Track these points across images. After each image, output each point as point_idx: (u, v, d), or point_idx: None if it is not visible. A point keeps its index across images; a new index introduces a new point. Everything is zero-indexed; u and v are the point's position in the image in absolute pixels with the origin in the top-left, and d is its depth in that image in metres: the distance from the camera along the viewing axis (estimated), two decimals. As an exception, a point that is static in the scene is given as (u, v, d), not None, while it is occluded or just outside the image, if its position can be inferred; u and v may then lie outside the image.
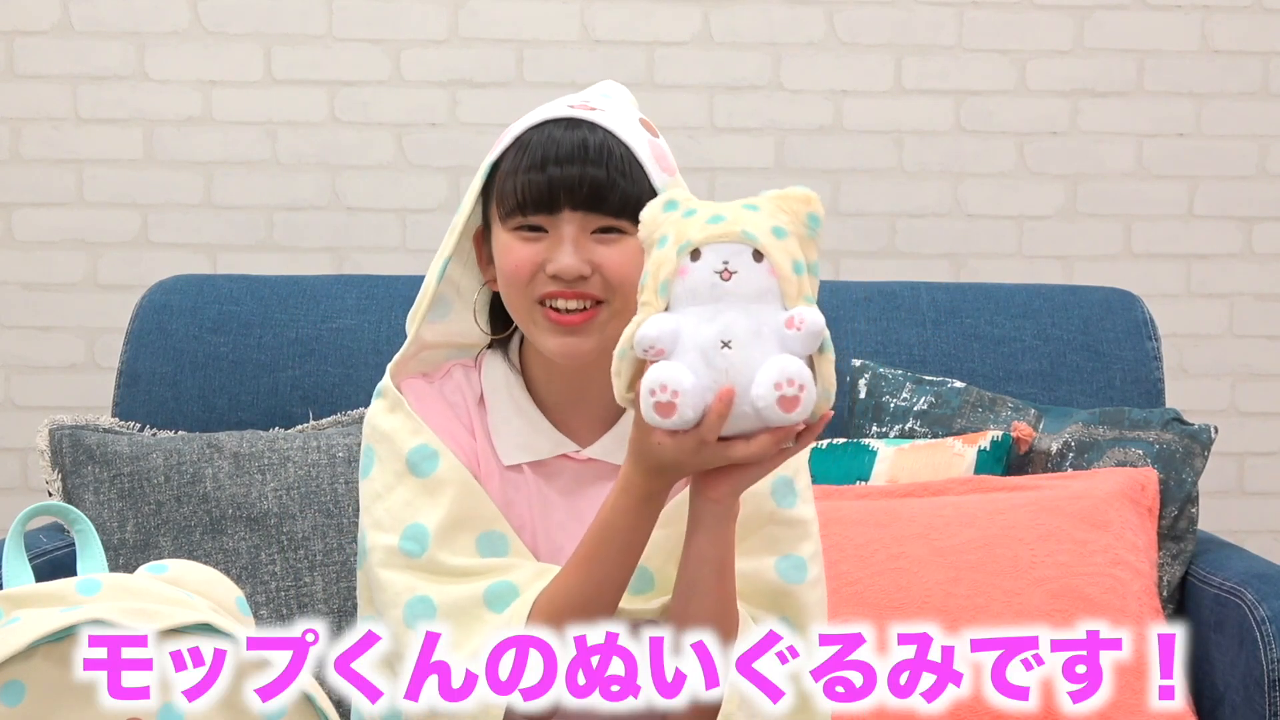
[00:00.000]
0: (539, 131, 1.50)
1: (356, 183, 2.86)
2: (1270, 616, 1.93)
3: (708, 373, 1.35)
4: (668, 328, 1.36)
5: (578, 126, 1.50)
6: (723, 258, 1.38)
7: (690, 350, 1.36)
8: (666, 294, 1.38)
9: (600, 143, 1.49)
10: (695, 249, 1.38)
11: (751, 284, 1.38)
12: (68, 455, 2.22)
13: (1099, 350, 2.42)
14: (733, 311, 1.37)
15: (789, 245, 1.42)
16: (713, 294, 1.37)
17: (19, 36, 2.82)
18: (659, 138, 1.54)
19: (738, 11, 2.85)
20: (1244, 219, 2.91)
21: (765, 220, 1.41)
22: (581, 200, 1.48)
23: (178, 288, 2.47)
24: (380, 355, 2.37)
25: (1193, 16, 2.88)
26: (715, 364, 1.35)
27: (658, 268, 1.38)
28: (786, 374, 1.35)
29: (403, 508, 1.52)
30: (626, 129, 1.51)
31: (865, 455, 2.24)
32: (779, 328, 1.37)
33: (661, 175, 1.50)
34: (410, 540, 1.50)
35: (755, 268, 1.39)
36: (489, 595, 1.47)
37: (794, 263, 1.42)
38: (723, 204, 1.42)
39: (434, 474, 1.52)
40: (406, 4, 2.84)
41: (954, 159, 2.89)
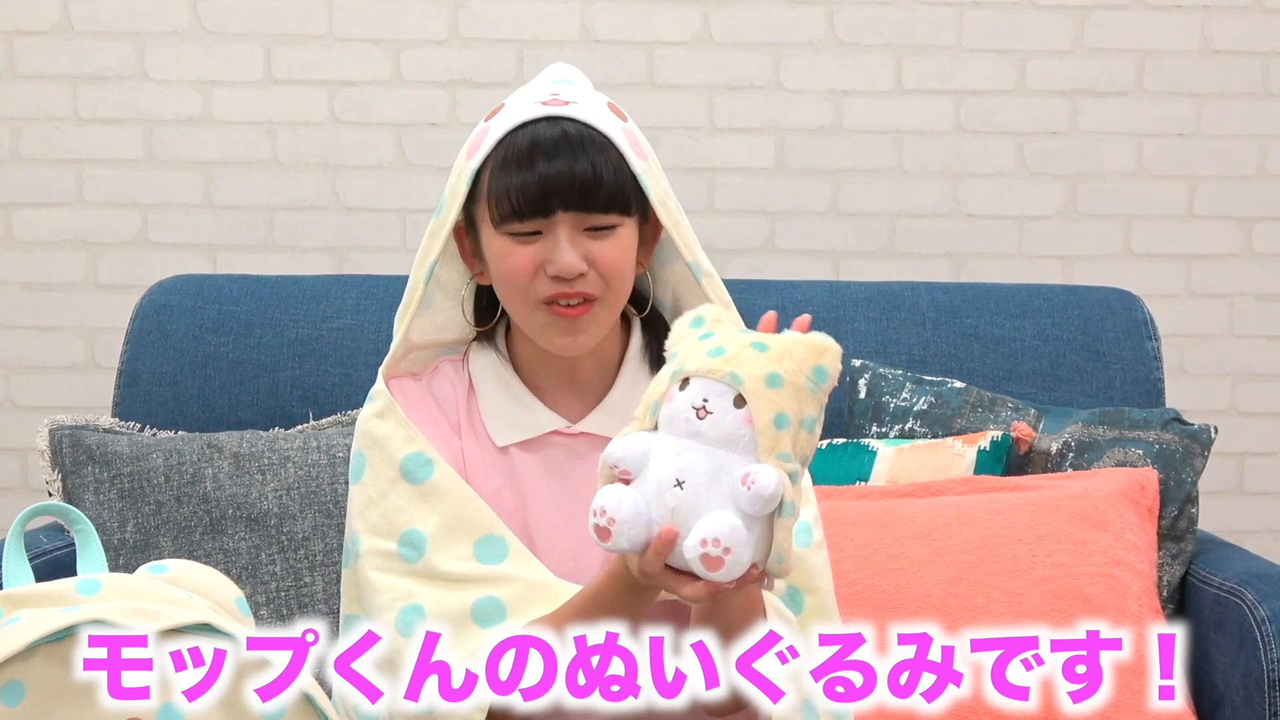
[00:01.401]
0: (521, 133, 1.52)
1: (356, 183, 2.86)
2: (1270, 616, 1.93)
3: (656, 507, 1.34)
4: (636, 451, 1.36)
5: (556, 123, 1.51)
6: (704, 394, 1.35)
7: (649, 480, 1.35)
8: (655, 414, 1.38)
9: (582, 138, 1.51)
10: (686, 377, 1.36)
11: (724, 428, 1.35)
12: (68, 455, 2.22)
13: (1099, 350, 2.42)
14: (697, 452, 1.34)
15: (780, 396, 1.36)
16: (686, 428, 1.35)
17: (19, 36, 2.82)
18: (629, 121, 1.56)
19: (738, 11, 2.85)
20: (1244, 219, 2.91)
21: (765, 365, 1.36)
22: (574, 201, 1.50)
23: (178, 288, 2.47)
24: (380, 355, 2.37)
25: (1193, 16, 2.88)
26: (665, 501, 1.34)
27: (655, 385, 1.39)
28: (714, 533, 1.31)
29: (398, 513, 1.53)
30: (600, 119, 1.53)
31: (865, 455, 2.24)
32: (735, 481, 1.33)
33: (638, 160, 1.53)
34: (408, 546, 1.51)
35: (732, 413, 1.35)
36: (476, 610, 1.48)
37: (778, 416, 1.35)
38: (736, 335, 1.39)
39: (428, 481, 1.54)
40: (406, 4, 2.84)
41: (954, 159, 2.89)
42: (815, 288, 2.49)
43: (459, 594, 1.49)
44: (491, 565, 1.51)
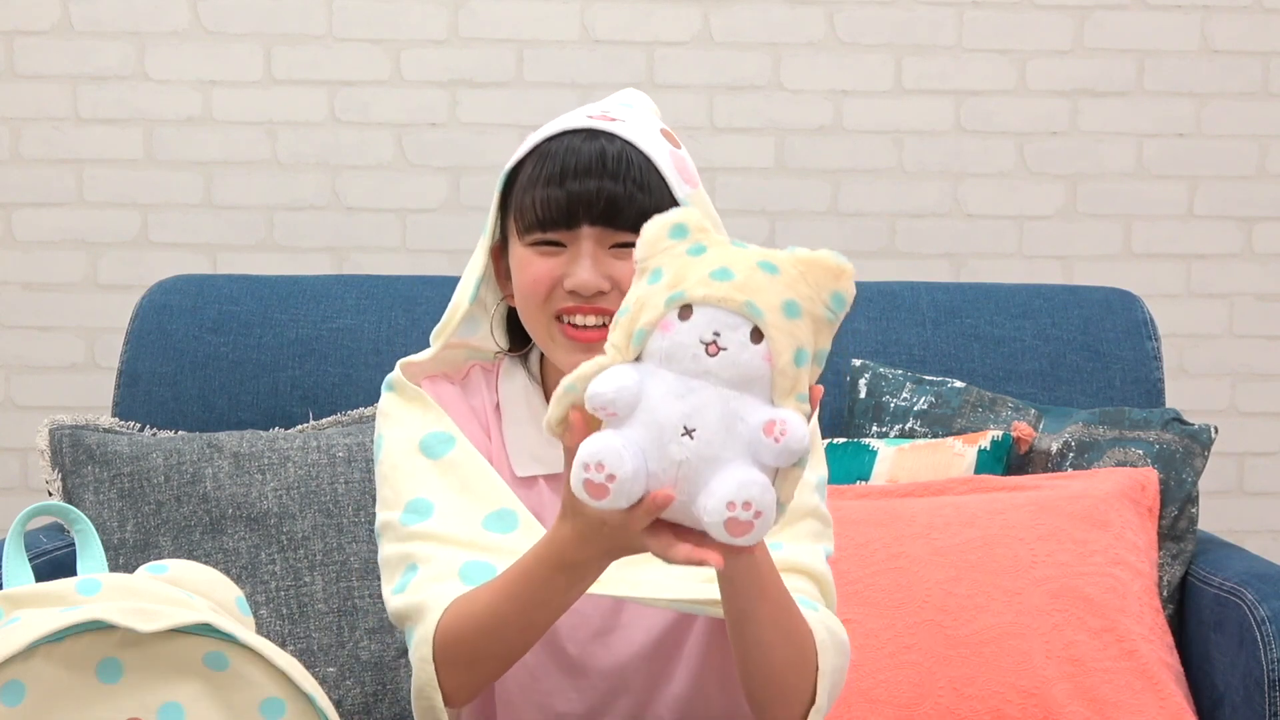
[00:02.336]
0: (558, 143, 1.46)
1: (356, 183, 2.86)
2: (1270, 616, 1.93)
3: (658, 458, 1.15)
4: (628, 390, 1.16)
5: (596, 138, 1.46)
6: (715, 327, 1.16)
7: (647, 425, 1.16)
8: (641, 343, 1.18)
9: (619, 155, 1.44)
10: (687, 304, 1.17)
11: (739, 368, 1.16)
12: (68, 455, 2.22)
13: (1099, 350, 2.42)
14: (707, 393, 1.15)
15: (799, 328, 1.18)
16: (692, 366, 1.16)
17: (19, 36, 2.82)
18: (681, 148, 1.51)
19: (738, 11, 2.85)
20: (1244, 219, 2.91)
21: (780, 291, 1.18)
22: (599, 215, 1.43)
23: (178, 288, 2.47)
24: (380, 355, 2.37)
25: (1193, 16, 2.88)
26: (669, 451, 1.15)
27: (640, 308, 1.19)
28: (745, 494, 1.13)
29: (407, 481, 1.49)
30: (647, 140, 1.47)
31: (865, 455, 2.24)
32: (755, 429, 1.15)
33: (683, 187, 1.46)
34: (411, 513, 1.48)
35: (749, 349, 1.16)
36: (464, 570, 1.44)
37: (797, 351, 1.18)
38: (737, 250, 1.21)
39: (446, 456, 1.50)
40: (406, 4, 2.84)
41: (954, 159, 2.89)
42: (815, 288, 2.49)
43: (453, 551, 1.45)
44: (497, 535, 1.46)
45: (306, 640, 2.13)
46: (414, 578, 1.44)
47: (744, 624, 1.35)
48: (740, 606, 1.34)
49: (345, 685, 2.12)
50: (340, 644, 2.13)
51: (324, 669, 2.12)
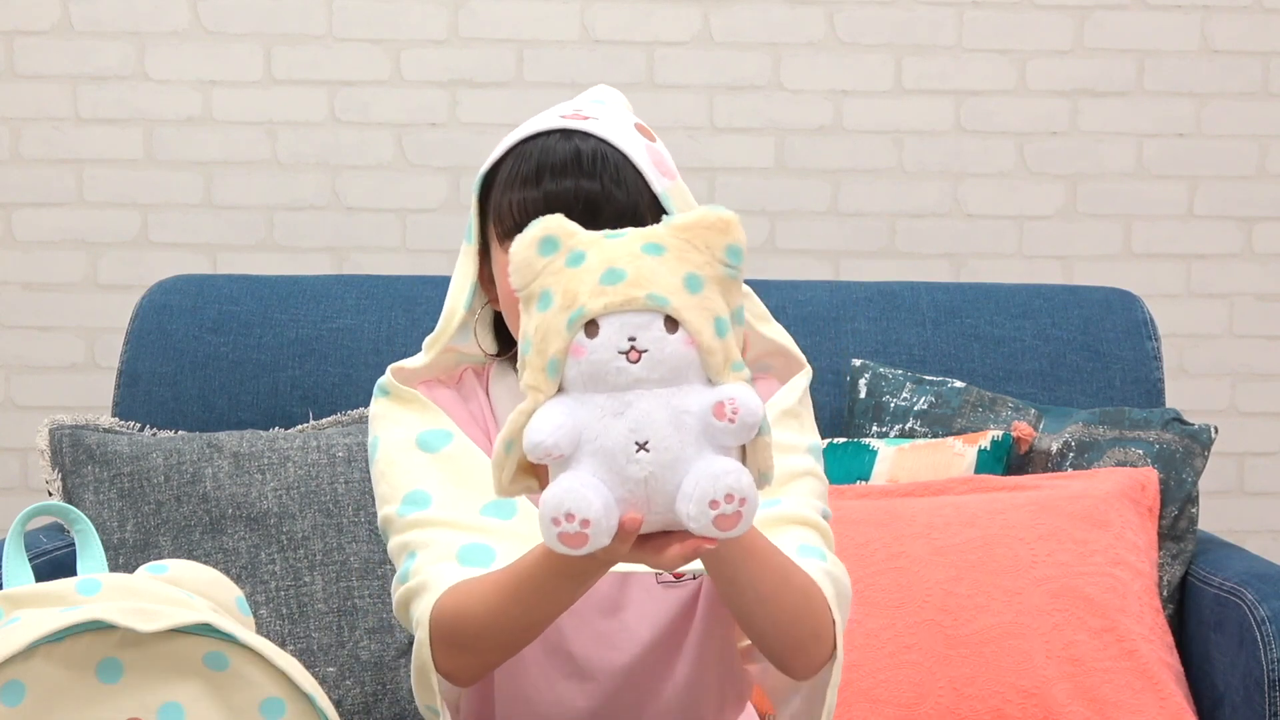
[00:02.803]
0: (532, 145, 1.45)
1: (356, 183, 2.86)
2: (1270, 616, 1.93)
3: (619, 484, 1.11)
4: (565, 429, 1.11)
5: (570, 138, 1.44)
6: (627, 333, 1.11)
7: (596, 454, 1.11)
8: (557, 375, 1.13)
9: (594, 153, 1.43)
10: (590, 319, 1.12)
11: (666, 363, 1.11)
12: (68, 455, 2.22)
13: (1099, 350, 2.42)
14: (645, 401, 1.10)
15: (708, 298, 1.13)
16: (619, 380, 1.11)
17: (19, 36, 2.82)
18: (656, 141, 1.50)
19: (738, 11, 2.85)
20: (1244, 219, 2.91)
21: (675, 268, 1.13)
22: (578, 214, 1.38)
23: (178, 288, 2.47)
24: (380, 355, 2.37)
25: (1193, 16, 2.88)
26: (628, 473, 1.10)
27: (543, 339, 1.14)
28: (724, 487, 1.09)
29: (404, 475, 1.48)
30: (621, 136, 1.45)
31: (865, 455, 2.24)
32: (704, 416, 1.11)
33: (661, 180, 1.45)
34: (409, 504, 1.47)
35: (669, 341, 1.11)
36: (462, 552, 1.43)
37: (716, 322, 1.13)
38: (616, 243, 1.15)
39: (444, 450, 1.49)
40: (406, 4, 2.84)
41: (954, 159, 2.89)
42: (815, 288, 2.49)
43: (451, 534, 1.44)
44: (496, 520, 1.46)
45: (306, 640, 2.13)
46: (413, 564, 1.44)
47: (738, 589, 1.35)
48: (730, 575, 1.34)
49: (345, 685, 2.12)
50: (340, 644, 2.13)
51: (324, 669, 2.12)
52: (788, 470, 1.46)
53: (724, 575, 1.34)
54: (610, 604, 1.52)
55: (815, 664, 1.41)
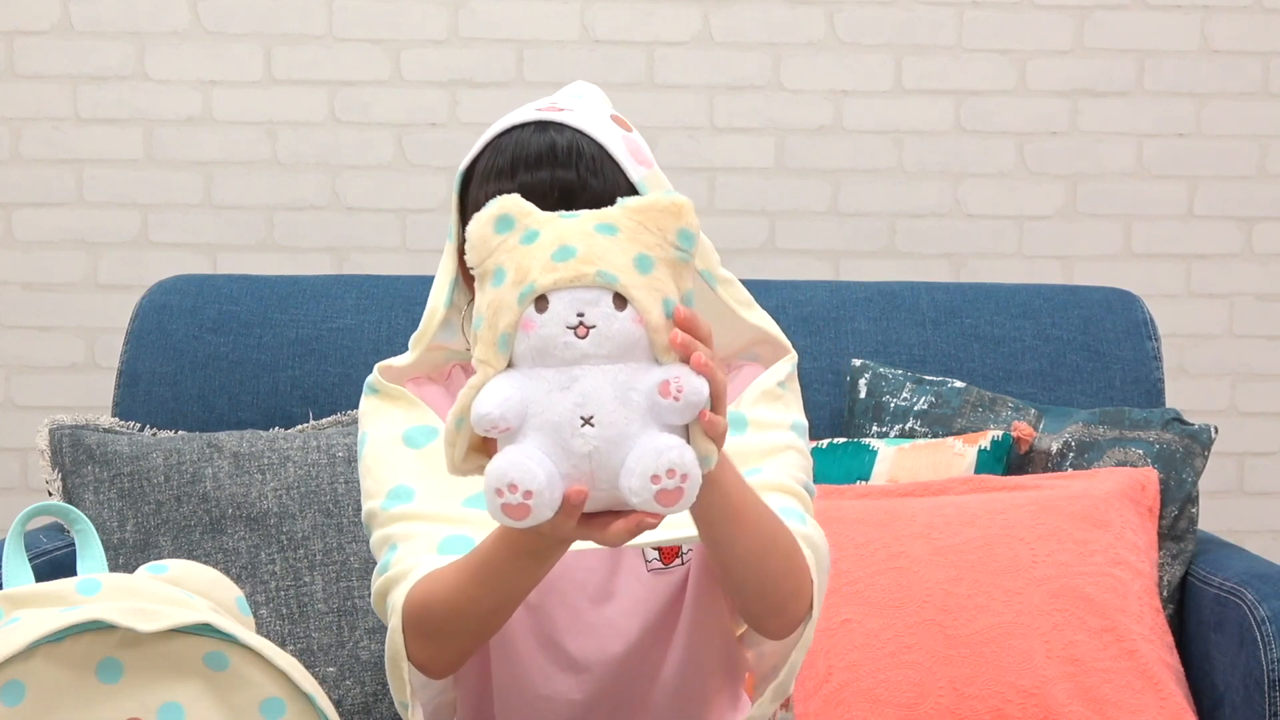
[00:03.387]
0: (508, 138, 1.46)
1: (356, 183, 2.86)
2: (1270, 616, 1.93)
3: (564, 457, 1.13)
4: (512, 401, 1.13)
5: (545, 130, 1.45)
6: (576, 309, 1.13)
7: (542, 428, 1.12)
8: (508, 350, 1.15)
9: (569, 144, 1.44)
10: (541, 295, 1.14)
11: (614, 340, 1.13)
12: (68, 455, 2.22)
13: (1099, 350, 2.42)
14: (592, 376, 1.12)
15: (658, 279, 1.15)
16: (567, 354, 1.13)
17: (19, 36, 2.82)
18: (633, 132, 1.50)
19: (738, 11, 2.85)
20: (1244, 219, 2.91)
21: (626, 248, 1.15)
22: (554, 204, 1.40)
23: (178, 288, 2.47)
24: (380, 355, 2.37)
25: (1193, 16, 2.88)
26: (573, 447, 1.12)
27: (495, 314, 1.15)
28: (666, 462, 1.11)
29: (389, 471, 1.49)
30: (596, 126, 1.46)
31: (865, 455, 2.24)
32: (650, 394, 1.12)
33: (638, 169, 1.46)
34: (393, 498, 1.48)
35: (617, 318, 1.13)
36: (443, 544, 1.44)
37: (664, 303, 1.14)
38: (569, 222, 1.17)
39: (429, 445, 1.50)
40: (406, 4, 2.84)
41: (954, 159, 2.89)
42: (815, 288, 2.49)
43: (432, 527, 1.45)
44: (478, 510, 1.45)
45: (306, 640, 2.13)
46: (394, 555, 1.45)
47: (720, 548, 1.35)
48: (714, 535, 1.34)
49: (345, 685, 2.12)
50: (340, 644, 2.13)
51: (324, 669, 2.12)
52: (770, 444, 1.48)
53: (710, 536, 1.35)
54: (601, 593, 1.53)
55: (791, 623, 1.42)
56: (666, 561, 1.53)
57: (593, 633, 1.52)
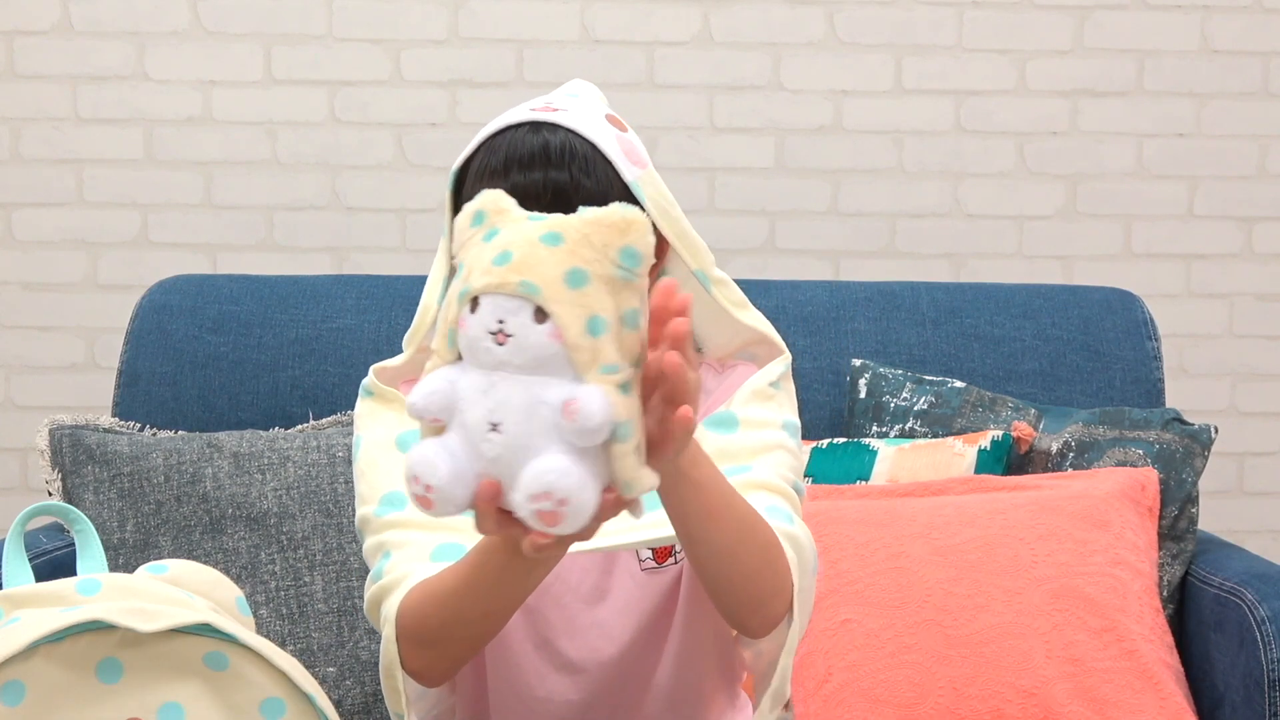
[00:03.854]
0: (501, 138, 1.46)
1: (356, 183, 2.86)
2: (1270, 616, 1.93)
3: (472, 460, 1.13)
4: (440, 394, 1.13)
5: (539, 130, 1.45)
6: (498, 315, 1.12)
7: (461, 427, 1.13)
8: (454, 345, 1.15)
9: (562, 144, 1.43)
10: (475, 297, 1.13)
11: (529, 351, 1.12)
12: (68, 455, 2.22)
13: (1099, 350, 2.42)
14: (508, 384, 1.12)
15: (588, 296, 1.12)
16: (488, 359, 1.13)
17: (19, 36, 2.82)
18: (628, 131, 1.50)
19: (738, 11, 2.85)
20: (1244, 219, 2.91)
21: (562, 261, 1.13)
22: (546, 205, 1.41)
23: (178, 288, 2.47)
24: (380, 355, 2.37)
25: (1193, 16, 2.88)
26: (482, 451, 1.12)
27: (448, 307, 1.16)
28: (543, 485, 1.10)
29: (383, 477, 1.49)
30: (590, 126, 1.46)
31: (865, 455, 2.24)
32: (556, 411, 1.11)
33: (631, 169, 1.46)
34: (386, 505, 1.48)
35: (535, 330, 1.12)
36: (436, 551, 1.44)
37: (590, 320, 1.12)
38: (523, 228, 1.16)
39: None
40: (406, 4, 2.84)
41: (954, 159, 2.89)
42: (815, 288, 2.49)
43: (426, 535, 1.45)
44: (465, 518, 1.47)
45: (306, 640, 2.13)
46: (387, 563, 1.45)
47: (695, 544, 1.35)
48: (688, 531, 1.34)
49: (345, 685, 2.12)
50: (340, 644, 2.13)
51: (324, 669, 2.12)
52: (760, 443, 1.48)
53: (685, 532, 1.34)
54: (595, 593, 1.52)
55: (771, 621, 1.41)
56: (660, 560, 1.53)
57: (587, 633, 1.52)
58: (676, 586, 1.54)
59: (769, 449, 1.49)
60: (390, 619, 1.40)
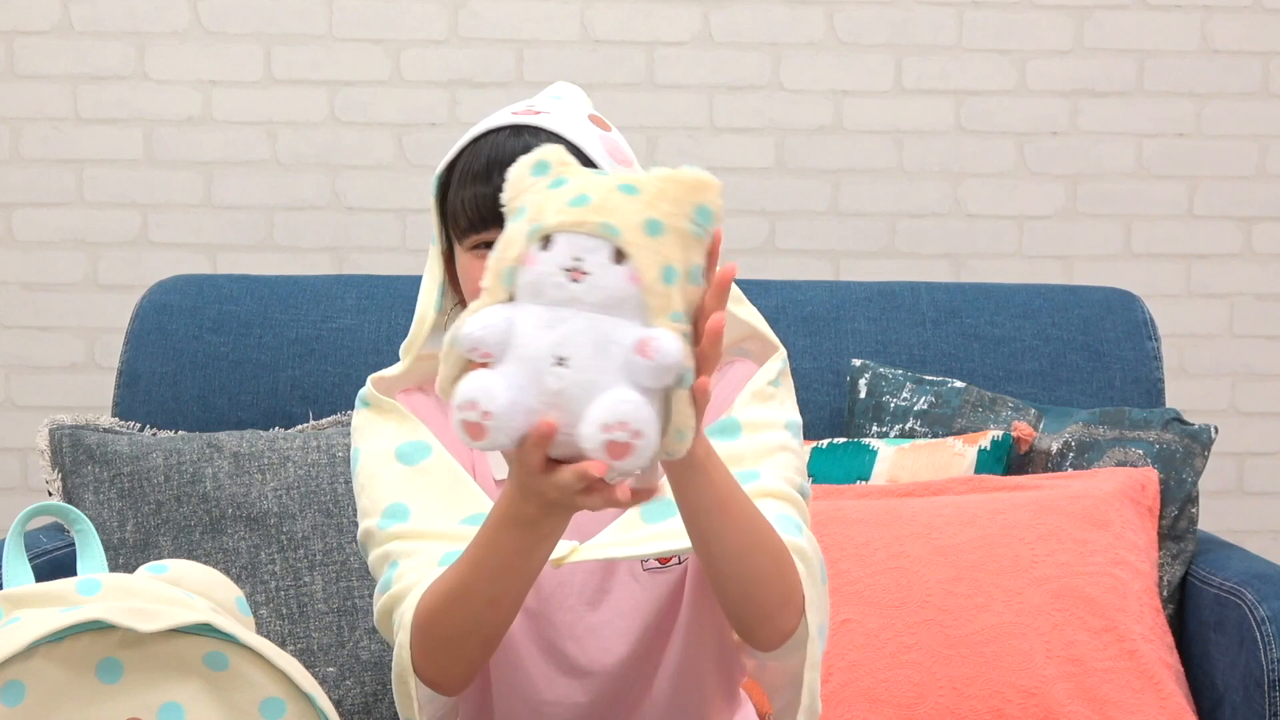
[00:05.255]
0: (484, 142, 1.47)
1: (356, 183, 2.86)
2: (1270, 616, 1.93)
3: (533, 392, 1.14)
4: (497, 328, 1.15)
5: (521, 134, 1.46)
6: (575, 253, 1.15)
7: (520, 360, 1.14)
8: (511, 282, 1.17)
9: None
10: (547, 235, 1.16)
11: (605, 290, 1.14)
12: (68, 455, 2.22)
13: (1099, 350, 2.42)
14: (577, 320, 1.14)
15: (664, 245, 1.16)
16: (558, 295, 1.15)
17: (19, 36, 2.82)
18: (611, 131, 1.51)
19: (738, 11, 2.85)
20: (1244, 219, 2.91)
21: (640, 210, 1.16)
22: None
23: (178, 288, 2.47)
24: (380, 355, 2.37)
25: (1193, 16, 2.88)
26: (545, 383, 1.14)
27: (506, 247, 1.18)
28: (618, 415, 1.12)
29: (384, 489, 1.49)
30: (573, 128, 1.47)
31: (865, 455, 2.24)
32: (629, 350, 1.13)
33: (617, 168, 1.46)
34: (389, 517, 1.48)
35: (613, 270, 1.15)
36: (444, 559, 1.43)
37: (664, 269, 1.15)
38: (597, 177, 1.20)
39: (422, 463, 1.50)
40: (406, 4, 2.84)
41: (954, 159, 2.89)
42: (815, 288, 2.49)
43: (433, 544, 1.45)
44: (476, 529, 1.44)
45: (306, 640, 2.13)
46: (395, 572, 1.45)
47: (707, 542, 1.35)
48: (701, 526, 1.34)
49: (345, 685, 2.12)
50: (340, 644, 2.13)
51: (324, 669, 2.12)
52: (764, 446, 1.47)
53: (697, 529, 1.34)
54: (598, 594, 1.52)
55: (781, 633, 1.41)
56: (663, 561, 1.53)
57: (592, 636, 1.52)
58: (680, 587, 1.54)
59: (772, 451, 1.49)
60: (405, 625, 1.40)
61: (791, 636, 1.41)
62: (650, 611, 1.53)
